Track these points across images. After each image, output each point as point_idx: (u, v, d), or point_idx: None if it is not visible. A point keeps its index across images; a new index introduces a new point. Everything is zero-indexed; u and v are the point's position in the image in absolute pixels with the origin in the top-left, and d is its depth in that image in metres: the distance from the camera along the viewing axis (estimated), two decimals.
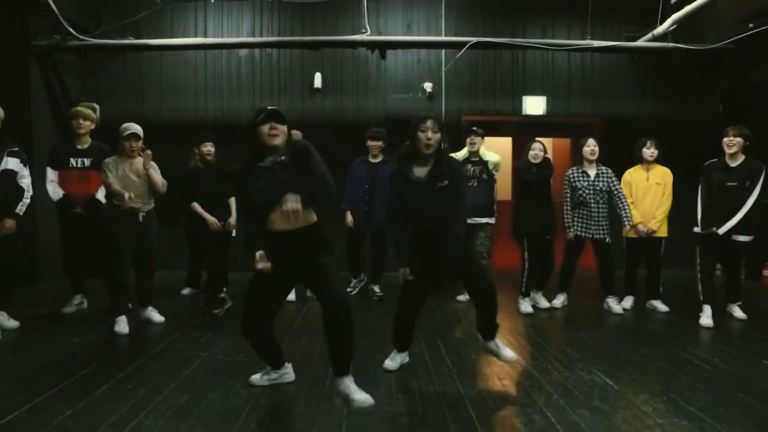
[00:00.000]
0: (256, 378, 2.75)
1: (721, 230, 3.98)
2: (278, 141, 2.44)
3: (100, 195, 4.16)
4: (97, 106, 6.13)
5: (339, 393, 2.49)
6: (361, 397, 2.44)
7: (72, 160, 4.16)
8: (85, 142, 4.22)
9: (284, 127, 2.47)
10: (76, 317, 4.21)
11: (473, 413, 2.43)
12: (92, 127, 4.27)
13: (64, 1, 5.56)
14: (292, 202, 2.26)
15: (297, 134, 2.63)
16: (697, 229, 4.15)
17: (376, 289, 4.93)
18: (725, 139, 4.04)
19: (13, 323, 3.78)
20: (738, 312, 4.22)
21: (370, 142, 4.82)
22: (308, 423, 2.33)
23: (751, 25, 4.71)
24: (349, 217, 4.82)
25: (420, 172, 2.76)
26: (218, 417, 2.38)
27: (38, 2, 5.29)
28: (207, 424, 2.31)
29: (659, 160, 4.54)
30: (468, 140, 4.65)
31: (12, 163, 3.69)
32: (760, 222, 4.11)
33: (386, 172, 4.72)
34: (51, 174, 4.16)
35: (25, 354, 3.25)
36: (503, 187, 6.16)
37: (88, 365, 3.04)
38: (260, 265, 2.38)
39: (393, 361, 3.00)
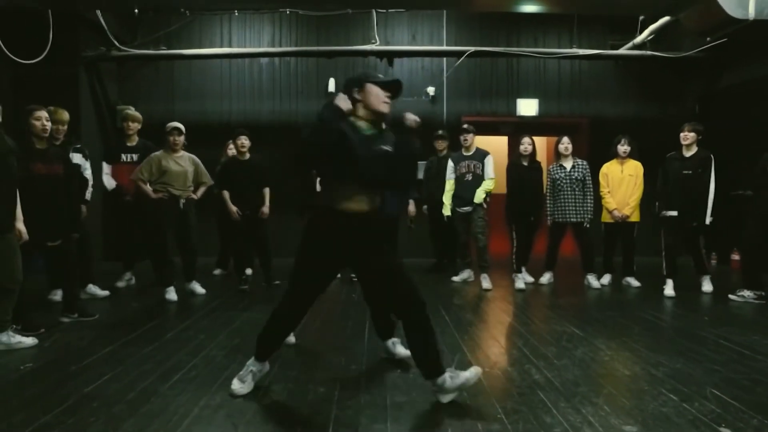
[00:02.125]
0: (236, 387, 2.40)
1: (707, 220, 4.60)
2: (388, 109, 2.34)
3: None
4: (132, 109, 6.89)
5: (446, 390, 2.30)
6: (468, 375, 2.31)
7: (123, 156, 4.88)
8: (134, 140, 4.95)
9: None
10: (127, 291, 4.90)
11: (467, 353, 3.10)
12: (139, 127, 5.00)
13: (108, 17, 6.28)
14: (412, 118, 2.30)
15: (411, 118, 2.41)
16: (664, 213, 4.80)
17: None
18: (681, 134, 4.70)
19: (103, 292, 4.45)
20: (707, 285, 4.82)
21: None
22: (340, 354, 3.00)
23: (708, 39, 5.37)
24: None
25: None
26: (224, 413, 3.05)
27: (89, 19, 6.02)
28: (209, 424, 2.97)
29: (633, 155, 5.20)
30: (461, 138, 5.23)
31: (77, 158, 4.40)
32: (727, 210, 4.72)
33: None
34: (106, 167, 4.91)
35: (104, 314, 3.90)
36: (499, 185, 6.81)
37: (151, 321, 3.73)
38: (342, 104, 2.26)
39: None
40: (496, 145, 7.34)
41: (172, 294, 4.39)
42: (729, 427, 2.06)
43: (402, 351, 2.85)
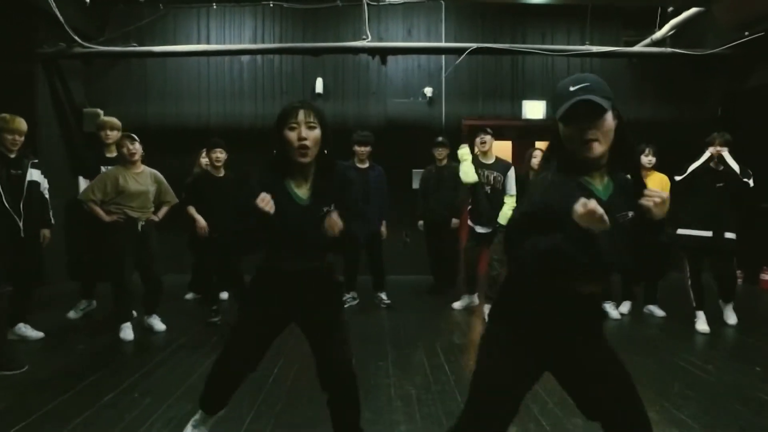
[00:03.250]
0: None
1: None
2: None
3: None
4: (101, 112, 6.27)
5: None
6: None
7: (103, 168, 4.23)
8: (114, 151, 4.28)
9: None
10: (81, 323, 4.29)
11: None
12: (119, 135, 4.32)
13: (70, 9, 5.63)
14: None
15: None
16: (683, 231, 4.19)
17: (383, 296, 4.95)
18: (711, 148, 4.10)
19: (37, 334, 3.77)
20: (731, 317, 4.27)
21: (357, 148, 4.72)
22: (312, 427, 2.40)
23: (746, 33, 4.75)
24: None
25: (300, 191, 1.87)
26: (222, 425, 2.44)
27: (44, 10, 5.37)
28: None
29: (657, 166, 4.60)
30: (478, 140, 4.55)
31: (35, 174, 3.77)
32: (756, 223, 4.17)
33: (376, 177, 4.80)
34: (83, 182, 4.31)
35: (35, 361, 3.30)
36: None
37: (92, 373, 3.12)
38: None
39: None
40: (499, 151, 6.72)
41: (127, 332, 3.78)
42: None
43: None
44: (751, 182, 4.02)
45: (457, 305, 4.84)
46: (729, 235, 4.11)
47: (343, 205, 1.87)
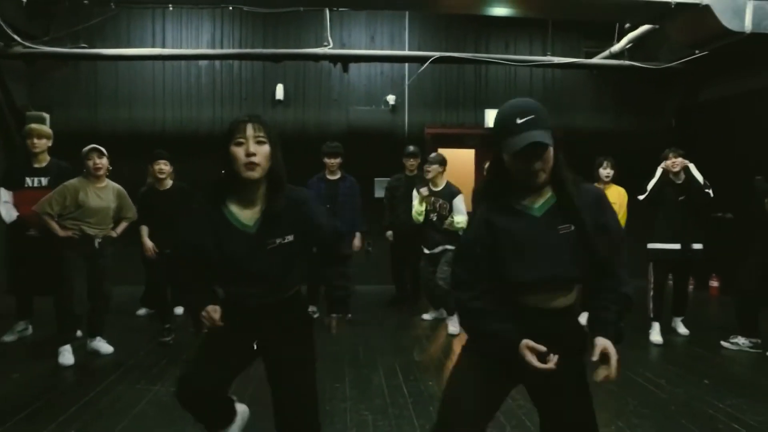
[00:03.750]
0: None
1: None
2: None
3: None
4: (46, 116, 5.92)
5: None
6: None
7: (28, 180, 3.96)
8: (43, 161, 4.02)
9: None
10: (17, 346, 4.01)
11: None
12: (49, 144, 4.07)
13: (10, 7, 5.30)
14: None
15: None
16: (652, 246, 4.28)
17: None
18: (668, 162, 4.18)
19: None
20: (682, 328, 4.39)
21: (327, 159, 4.64)
22: None
23: (696, 51, 4.89)
24: None
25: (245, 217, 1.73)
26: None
27: None
28: None
29: (615, 179, 4.66)
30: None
31: None
32: (706, 232, 4.31)
33: (347, 188, 4.71)
34: (5, 194, 3.97)
35: None
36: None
37: (32, 403, 2.90)
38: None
39: None
40: (462, 159, 6.74)
41: (67, 356, 3.54)
42: None
43: None
44: (711, 193, 4.11)
45: (426, 316, 4.80)
46: (696, 246, 4.21)
47: (306, 236, 1.77)
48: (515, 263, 1.49)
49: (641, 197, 4.32)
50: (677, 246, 4.16)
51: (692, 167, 4.13)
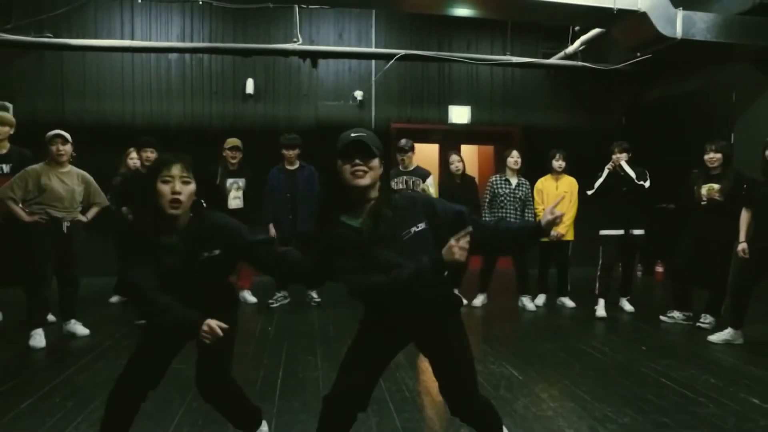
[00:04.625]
0: None
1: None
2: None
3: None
4: (9, 105, 5.88)
5: None
6: None
7: None
8: (4, 148, 4.06)
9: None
10: None
11: (395, 412, 2.67)
12: (11, 132, 4.11)
13: None
14: None
15: None
16: (603, 232, 4.67)
17: (314, 294, 5.05)
18: (614, 156, 4.57)
19: None
20: (627, 306, 4.79)
21: (284, 151, 4.80)
22: None
23: (638, 54, 5.32)
24: (272, 230, 4.75)
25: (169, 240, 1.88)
26: (152, 423, 2.46)
27: None
28: (140, 431, 2.39)
29: (567, 170, 5.03)
30: (399, 159, 4.85)
31: None
32: (652, 223, 4.73)
33: (306, 178, 4.89)
34: None
35: None
36: None
37: (8, 380, 2.99)
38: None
39: None
40: (426, 153, 7.03)
41: (38, 339, 3.60)
42: None
43: None
44: (646, 184, 4.51)
45: None
46: (637, 231, 4.61)
47: (237, 248, 1.93)
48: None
49: (589, 192, 4.70)
50: (621, 231, 4.56)
51: (624, 164, 4.52)
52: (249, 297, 5.05)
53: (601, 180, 4.63)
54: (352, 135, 1.68)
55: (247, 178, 4.81)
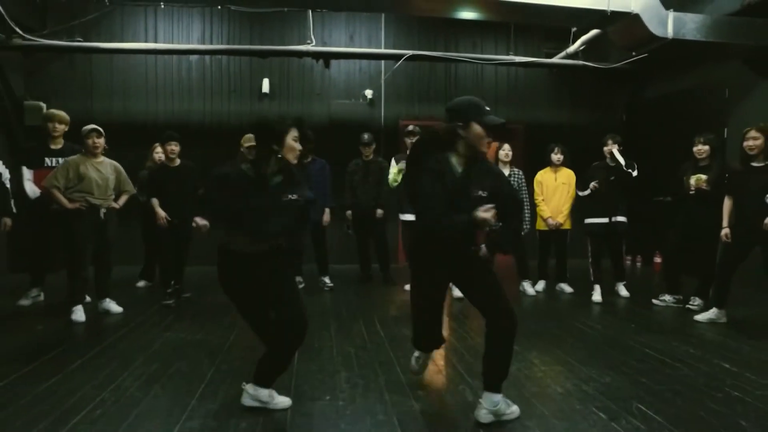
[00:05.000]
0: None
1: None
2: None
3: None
4: (43, 105, 6.30)
5: None
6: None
7: (47, 160, 4.39)
8: (59, 143, 4.47)
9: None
10: (33, 309, 4.43)
11: (401, 373, 3.00)
12: (66, 129, 4.51)
13: (8, 0, 5.65)
14: None
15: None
16: (588, 220, 4.96)
17: (327, 280, 5.39)
18: (605, 148, 4.87)
19: None
20: (623, 291, 5.05)
21: None
22: None
23: (633, 53, 5.60)
24: None
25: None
26: (186, 380, 2.81)
27: None
28: (176, 385, 2.74)
29: (567, 163, 5.31)
30: (407, 142, 5.07)
31: None
32: (650, 215, 4.98)
33: (318, 170, 5.23)
34: (27, 173, 4.39)
35: None
36: None
37: (58, 346, 3.36)
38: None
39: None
40: None
41: (79, 314, 3.99)
42: None
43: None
44: (634, 173, 4.79)
45: (408, 287, 5.31)
46: (620, 218, 4.89)
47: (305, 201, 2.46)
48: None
49: (581, 193, 4.99)
50: (605, 220, 4.84)
51: (616, 151, 4.80)
52: None
53: (593, 183, 4.90)
54: (500, 120, 2.33)
55: None
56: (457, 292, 5.10)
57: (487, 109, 2.35)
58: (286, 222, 2.38)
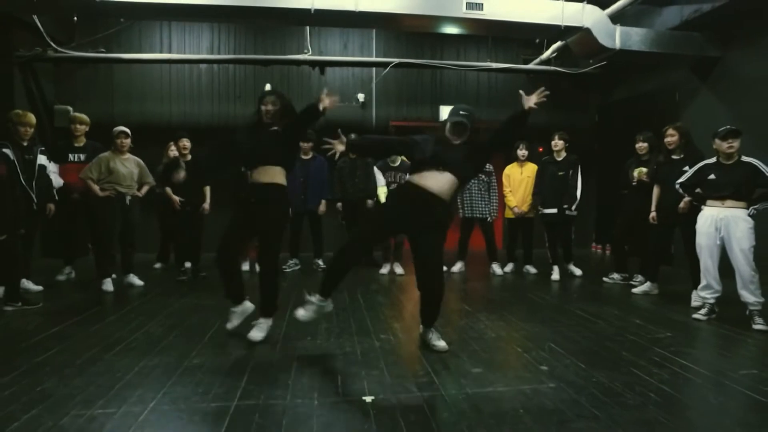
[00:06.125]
0: (301, 313, 3.16)
1: (574, 210, 5.49)
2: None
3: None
4: (70, 108, 7.09)
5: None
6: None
7: (70, 155, 5.18)
8: (81, 141, 5.25)
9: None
10: (67, 284, 5.18)
11: (371, 324, 3.72)
12: (86, 129, 5.29)
13: (43, 17, 6.44)
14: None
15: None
16: (542, 210, 5.64)
17: (320, 262, 6.13)
18: (552, 142, 5.55)
19: (37, 287, 4.66)
20: (576, 270, 5.75)
21: (301, 144, 5.93)
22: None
23: (591, 61, 6.28)
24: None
25: None
26: (198, 331, 3.54)
27: (20, 18, 6.18)
28: (190, 334, 3.46)
29: (531, 158, 6.00)
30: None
31: (43, 159, 4.72)
32: (617, 207, 5.60)
33: (317, 166, 5.98)
34: (53, 166, 5.15)
35: (47, 304, 4.22)
36: None
37: (94, 307, 4.12)
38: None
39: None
40: None
41: (108, 285, 4.74)
42: (546, 365, 2.79)
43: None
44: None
45: (384, 271, 6.01)
46: (568, 211, 5.54)
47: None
48: None
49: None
50: (555, 210, 5.52)
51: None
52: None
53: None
54: (453, 118, 3.19)
55: None
56: (384, 270, 5.87)
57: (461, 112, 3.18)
58: None
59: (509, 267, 6.08)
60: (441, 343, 3.08)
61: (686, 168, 4.15)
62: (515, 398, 2.37)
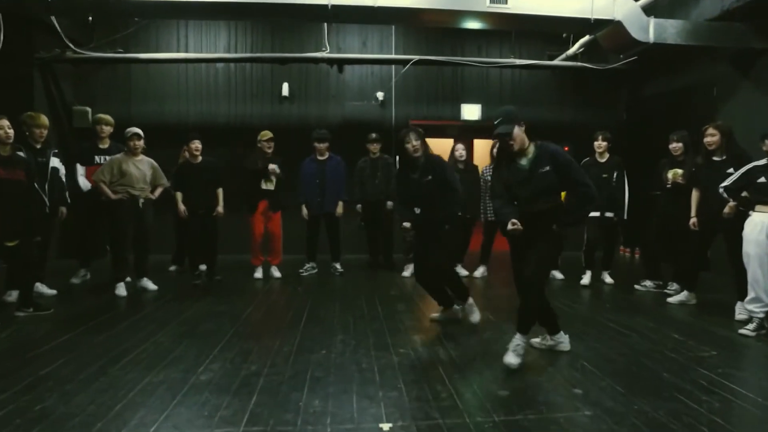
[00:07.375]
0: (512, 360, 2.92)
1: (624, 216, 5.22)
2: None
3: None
4: (88, 109, 7.07)
5: None
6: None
7: (96, 158, 5.09)
8: (106, 143, 5.17)
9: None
10: (82, 287, 5.12)
11: (388, 337, 3.53)
12: (111, 131, 5.20)
13: (62, 18, 6.40)
14: None
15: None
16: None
17: (338, 266, 5.96)
18: (595, 143, 5.26)
19: (51, 291, 4.62)
20: (608, 279, 5.44)
21: (316, 144, 5.75)
22: (277, 338, 3.39)
23: (621, 56, 5.97)
24: (304, 210, 5.72)
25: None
26: (209, 340, 3.40)
27: (40, 20, 6.15)
28: (200, 345, 3.32)
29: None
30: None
31: (56, 162, 4.65)
32: (649, 209, 5.30)
33: (333, 167, 5.80)
34: (80, 169, 5.10)
35: (56, 308, 4.16)
36: None
37: (105, 313, 4.02)
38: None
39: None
40: (442, 148, 7.79)
41: (121, 290, 4.65)
42: (581, 387, 2.56)
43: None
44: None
45: (406, 274, 5.81)
46: (609, 214, 5.27)
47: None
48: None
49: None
50: (597, 214, 5.23)
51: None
52: (276, 272, 5.72)
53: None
54: (495, 132, 2.99)
55: (279, 162, 5.59)
56: (406, 273, 5.67)
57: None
58: None
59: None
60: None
61: (730, 170, 3.86)
62: (548, 428, 2.16)
